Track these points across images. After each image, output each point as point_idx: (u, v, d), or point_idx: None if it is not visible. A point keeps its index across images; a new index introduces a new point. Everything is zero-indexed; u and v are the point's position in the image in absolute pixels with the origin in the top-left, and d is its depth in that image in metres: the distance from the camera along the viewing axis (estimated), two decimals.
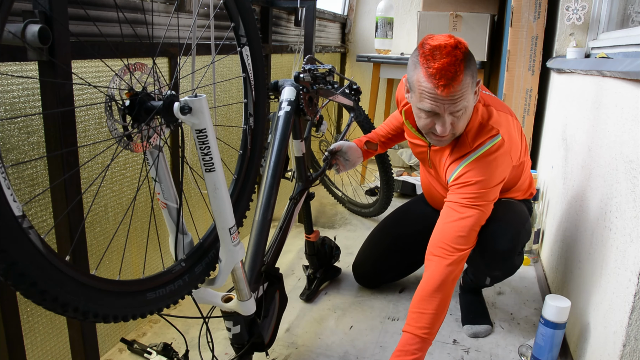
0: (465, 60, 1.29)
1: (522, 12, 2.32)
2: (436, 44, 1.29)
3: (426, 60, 1.29)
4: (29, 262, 0.66)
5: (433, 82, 1.29)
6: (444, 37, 1.31)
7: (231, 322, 1.29)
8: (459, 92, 1.30)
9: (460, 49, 1.29)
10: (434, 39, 1.32)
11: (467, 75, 1.30)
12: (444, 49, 1.28)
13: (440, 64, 1.27)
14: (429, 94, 1.31)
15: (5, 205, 0.63)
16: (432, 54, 1.29)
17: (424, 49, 1.31)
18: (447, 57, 1.27)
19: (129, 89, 0.87)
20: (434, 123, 1.39)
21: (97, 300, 0.78)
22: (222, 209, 1.02)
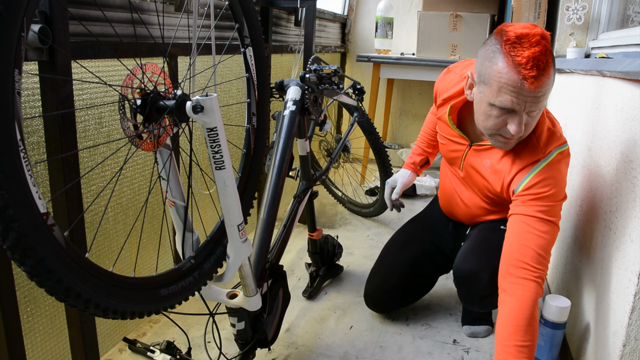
0: (552, 53, 1.17)
1: (522, 12, 2.33)
2: (522, 32, 1.16)
3: (512, 48, 1.16)
4: (55, 259, 0.68)
5: (522, 72, 1.14)
6: (527, 25, 1.19)
7: (236, 318, 1.31)
8: (544, 87, 1.17)
9: (546, 39, 1.17)
10: (515, 26, 1.19)
11: (553, 68, 1.18)
12: (532, 37, 1.15)
13: (532, 53, 1.13)
14: (513, 87, 1.17)
15: (32, 202, 0.64)
16: (520, 41, 1.15)
17: (507, 36, 1.17)
18: (538, 46, 1.14)
19: (141, 88, 0.88)
20: (505, 123, 1.25)
21: (117, 297, 0.79)
22: (231, 206, 1.03)
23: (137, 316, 0.86)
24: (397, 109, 3.92)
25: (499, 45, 1.19)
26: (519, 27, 1.18)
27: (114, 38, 1.29)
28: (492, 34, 1.24)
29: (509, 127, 1.24)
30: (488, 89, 1.23)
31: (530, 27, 1.17)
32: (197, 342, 1.60)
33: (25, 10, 0.63)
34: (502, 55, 1.18)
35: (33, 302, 1.23)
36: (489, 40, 1.24)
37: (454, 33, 2.98)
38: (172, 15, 1.51)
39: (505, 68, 1.17)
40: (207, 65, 1.73)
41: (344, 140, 2.13)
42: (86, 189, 1.33)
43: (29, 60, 0.98)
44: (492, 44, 1.22)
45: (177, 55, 1.58)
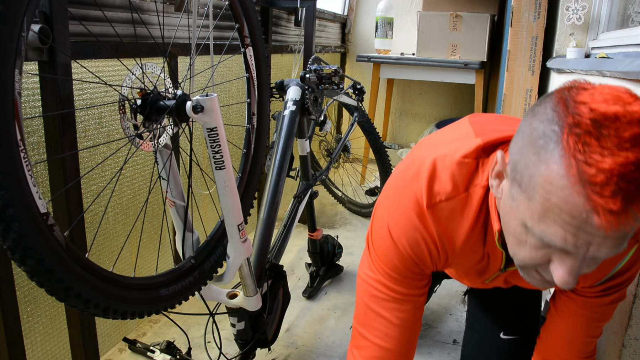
0: None
1: (522, 12, 2.33)
2: (607, 111, 0.61)
3: (582, 145, 0.60)
4: (55, 259, 0.68)
5: (593, 199, 0.59)
6: (616, 93, 0.64)
7: (236, 318, 1.31)
8: (632, 228, 0.62)
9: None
10: (596, 94, 0.64)
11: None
12: (630, 126, 0.60)
13: (618, 164, 0.58)
14: (570, 217, 0.62)
15: (32, 202, 0.64)
16: (600, 131, 0.60)
17: (580, 113, 0.62)
18: (637, 148, 0.59)
19: (141, 88, 0.89)
20: (548, 260, 0.71)
21: (117, 297, 0.80)
22: (231, 206, 1.04)
23: (137, 316, 0.86)
24: (397, 109, 3.92)
25: (557, 129, 0.63)
26: (602, 96, 0.63)
27: (114, 38, 1.29)
28: (553, 94, 0.68)
29: (553, 271, 0.70)
30: (526, 200, 0.68)
31: (623, 98, 0.63)
32: (197, 342, 1.60)
33: (25, 10, 0.63)
34: (561, 153, 0.62)
35: (33, 302, 1.23)
36: (543, 107, 0.67)
37: (454, 33, 2.98)
38: (172, 15, 1.51)
39: (561, 180, 0.61)
40: (207, 65, 1.74)
41: (344, 140, 2.13)
42: (86, 189, 1.33)
43: (29, 60, 0.98)
44: (547, 118, 0.65)
45: (177, 55, 1.58)
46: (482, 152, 0.88)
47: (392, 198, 0.94)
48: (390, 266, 0.95)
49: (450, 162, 0.87)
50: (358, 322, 1.03)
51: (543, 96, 0.71)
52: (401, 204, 0.91)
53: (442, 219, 0.88)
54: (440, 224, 0.89)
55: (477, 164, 0.88)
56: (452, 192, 0.87)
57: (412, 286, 0.97)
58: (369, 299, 1.00)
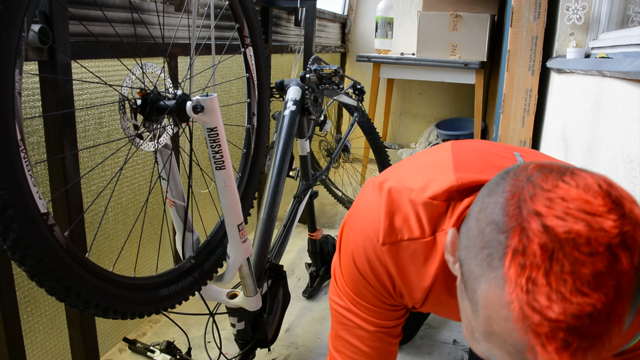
0: (635, 284, 0.48)
1: (522, 12, 2.33)
2: (566, 230, 0.48)
3: (528, 282, 0.48)
4: (55, 259, 0.68)
5: (537, 348, 0.48)
6: (587, 197, 0.49)
7: (236, 318, 1.31)
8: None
9: (632, 251, 0.48)
10: (558, 195, 0.50)
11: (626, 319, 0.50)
12: (591, 258, 0.47)
13: (570, 315, 0.47)
14: (517, 352, 0.51)
15: (32, 202, 0.64)
16: (552, 265, 0.47)
17: (530, 232, 0.49)
18: (596, 292, 0.47)
19: (141, 88, 0.89)
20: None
21: (117, 297, 0.80)
22: (232, 206, 1.04)
23: (137, 316, 0.86)
24: (397, 109, 3.92)
25: (501, 247, 0.51)
26: (563, 204, 0.49)
27: (114, 38, 1.29)
28: (511, 175, 0.56)
29: None
30: (471, 310, 0.56)
31: (592, 209, 0.49)
32: (197, 342, 1.60)
33: (25, 10, 0.63)
34: (503, 279, 0.50)
35: (33, 302, 1.23)
36: (495, 198, 0.55)
37: (454, 33, 2.98)
38: (172, 15, 1.51)
39: (503, 310, 0.50)
40: (207, 65, 1.74)
41: (344, 140, 2.13)
42: (86, 189, 1.33)
43: (29, 60, 0.98)
44: (495, 220, 0.53)
45: (177, 55, 1.58)
46: (455, 195, 0.78)
47: (355, 223, 0.87)
48: (357, 294, 0.89)
49: (417, 199, 0.79)
50: (331, 345, 0.98)
51: (504, 172, 0.58)
52: (363, 231, 0.84)
53: (402, 260, 0.81)
54: (399, 264, 0.81)
55: (447, 207, 0.78)
56: (416, 233, 0.79)
57: (383, 317, 0.89)
58: (338, 325, 0.94)
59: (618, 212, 0.48)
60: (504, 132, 2.43)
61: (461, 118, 3.64)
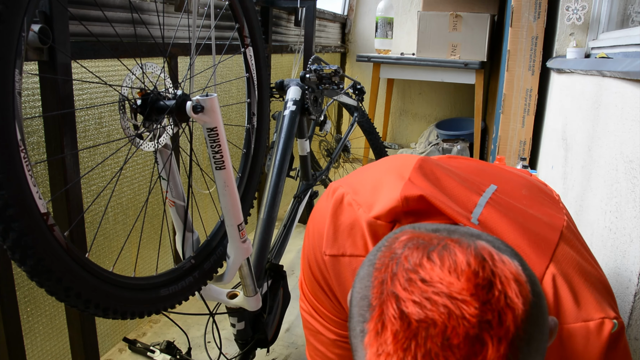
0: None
1: (522, 12, 2.33)
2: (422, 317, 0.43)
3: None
4: (55, 259, 0.68)
5: None
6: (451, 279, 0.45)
7: (236, 318, 1.31)
8: None
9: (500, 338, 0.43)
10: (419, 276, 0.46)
11: None
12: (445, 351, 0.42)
13: None
14: None
15: (32, 202, 0.64)
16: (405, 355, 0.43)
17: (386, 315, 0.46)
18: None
19: (141, 88, 0.89)
20: None
21: (117, 297, 0.80)
22: (232, 206, 1.04)
23: (137, 316, 0.86)
24: (397, 109, 3.92)
25: (362, 335, 0.48)
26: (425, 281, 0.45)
27: (114, 38, 1.29)
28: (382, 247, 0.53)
29: None
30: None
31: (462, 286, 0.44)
32: (197, 342, 1.60)
33: (25, 10, 0.63)
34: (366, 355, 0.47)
35: (33, 302, 1.23)
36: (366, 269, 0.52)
37: (454, 33, 2.98)
38: (172, 15, 1.51)
39: None
40: (207, 65, 1.74)
41: (344, 140, 2.13)
42: (86, 189, 1.33)
43: (29, 60, 0.98)
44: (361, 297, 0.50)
45: (177, 55, 1.58)
46: (401, 215, 0.73)
47: (308, 227, 0.85)
48: (316, 299, 0.86)
49: (362, 216, 0.76)
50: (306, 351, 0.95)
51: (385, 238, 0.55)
52: (312, 236, 0.81)
53: (343, 274, 0.77)
54: (340, 277, 0.77)
55: (391, 228, 0.74)
56: (359, 251, 0.75)
57: (341, 326, 0.84)
58: (305, 330, 0.92)
59: (482, 297, 0.43)
60: (504, 132, 2.43)
61: (461, 118, 3.64)
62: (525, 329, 0.44)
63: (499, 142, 2.45)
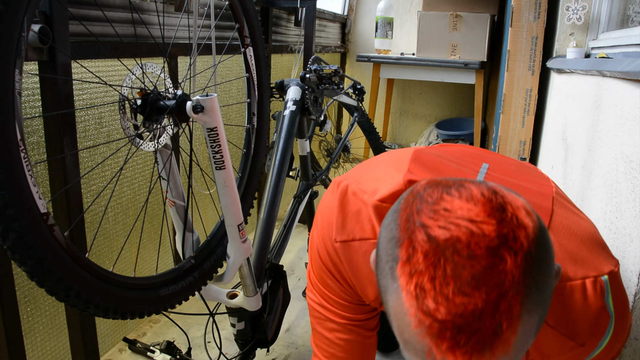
0: (527, 282, 0.50)
1: (522, 12, 2.33)
2: (448, 237, 0.50)
3: (417, 288, 0.51)
4: (55, 259, 0.68)
5: (433, 350, 0.50)
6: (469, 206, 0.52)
7: (236, 318, 1.31)
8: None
9: (515, 251, 0.50)
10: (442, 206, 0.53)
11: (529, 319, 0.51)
12: (471, 260, 0.49)
13: (454, 314, 0.49)
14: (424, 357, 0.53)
15: (32, 202, 0.64)
16: (435, 270, 0.50)
17: (415, 241, 0.52)
18: (477, 291, 0.49)
19: (141, 88, 0.89)
20: None
21: (117, 297, 0.80)
22: (232, 206, 1.04)
23: (137, 316, 0.86)
24: (397, 109, 3.92)
25: (394, 261, 0.53)
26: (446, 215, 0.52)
27: (114, 38, 1.29)
28: (408, 192, 0.59)
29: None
30: (389, 321, 0.58)
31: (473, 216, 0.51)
32: (197, 342, 1.60)
33: (25, 10, 0.63)
34: (399, 290, 0.52)
35: (33, 302, 1.23)
36: (393, 212, 0.59)
37: (454, 33, 2.98)
38: (172, 15, 1.51)
39: (405, 318, 0.52)
40: (207, 65, 1.74)
41: (344, 140, 2.13)
42: (86, 189, 1.33)
43: (29, 60, 0.98)
44: (391, 235, 0.56)
45: (177, 55, 1.58)
46: None
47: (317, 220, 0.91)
48: (325, 287, 0.91)
49: (368, 201, 0.82)
50: (312, 340, 1.01)
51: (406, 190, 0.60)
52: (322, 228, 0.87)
53: (354, 258, 0.83)
54: (352, 262, 0.83)
55: None
56: (367, 234, 0.82)
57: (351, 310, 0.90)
58: (313, 319, 0.98)
59: (498, 216, 0.51)
60: (504, 132, 2.43)
61: (461, 118, 3.64)
62: (536, 249, 0.51)
63: (499, 142, 2.45)
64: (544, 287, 0.52)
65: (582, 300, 0.72)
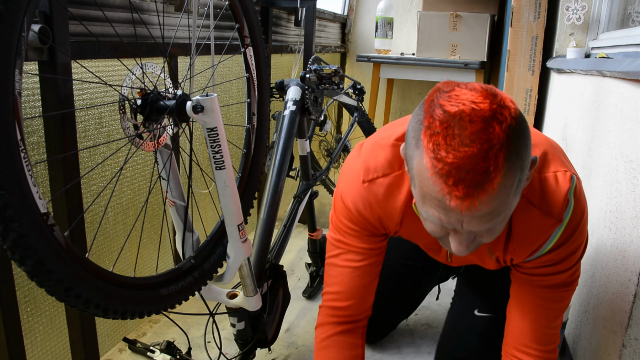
0: (509, 144, 0.72)
1: (522, 12, 2.33)
2: (456, 110, 0.72)
3: (434, 144, 0.73)
4: (55, 259, 0.68)
5: (443, 187, 0.73)
6: (472, 94, 0.74)
7: (236, 318, 1.31)
8: (490, 207, 0.74)
9: (501, 121, 0.72)
10: (453, 94, 0.75)
11: (509, 173, 0.73)
12: (470, 124, 0.71)
13: (458, 158, 0.71)
14: (437, 201, 0.75)
15: (32, 202, 0.64)
16: (447, 131, 0.72)
17: (434, 115, 0.74)
18: (474, 143, 0.71)
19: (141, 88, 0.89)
20: (447, 232, 0.84)
21: (117, 297, 0.80)
22: (231, 206, 1.04)
23: (137, 316, 0.86)
24: (397, 109, 3.92)
25: (420, 129, 0.76)
26: (457, 97, 0.74)
27: (114, 38, 1.29)
28: (430, 92, 0.80)
29: (450, 242, 0.85)
30: (414, 187, 0.82)
31: (476, 97, 0.74)
32: (197, 342, 1.60)
33: (25, 10, 0.63)
34: (422, 150, 0.75)
35: (33, 302, 1.23)
36: (418, 110, 0.80)
37: (454, 33, 2.98)
38: (172, 15, 1.51)
39: (425, 172, 0.74)
40: (207, 65, 1.74)
41: (344, 140, 2.13)
42: (86, 189, 1.33)
43: (29, 60, 0.98)
44: (418, 117, 0.78)
45: (177, 55, 1.58)
46: None
47: (343, 173, 1.11)
48: (346, 224, 1.11)
49: (385, 144, 1.03)
50: (324, 282, 1.20)
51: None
52: (348, 178, 1.08)
53: (380, 194, 1.03)
54: (378, 197, 1.03)
55: None
56: (387, 170, 1.02)
57: (366, 241, 1.12)
58: (329, 256, 1.17)
59: (492, 100, 0.73)
60: None
61: None
62: (516, 124, 0.73)
63: None
64: (521, 155, 0.74)
65: (555, 185, 0.95)
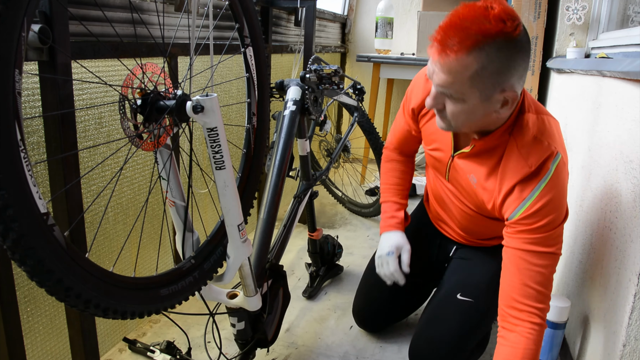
0: (486, 44, 0.98)
1: (522, 12, 2.33)
2: (459, 10, 1.01)
3: (439, 27, 1.03)
4: (55, 259, 0.68)
5: (435, 33, 1.03)
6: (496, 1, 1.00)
7: (236, 318, 1.31)
8: (449, 68, 1.02)
9: (492, 24, 0.97)
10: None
11: (474, 62, 0.99)
12: (471, 11, 0.99)
13: (451, 22, 1.00)
14: (430, 51, 1.06)
15: (32, 202, 0.64)
16: (458, 9, 1.02)
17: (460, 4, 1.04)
18: (464, 21, 0.98)
19: (141, 88, 0.89)
20: (433, 102, 1.15)
21: (117, 297, 0.80)
22: (232, 206, 1.04)
23: (137, 316, 0.86)
24: (397, 109, 3.91)
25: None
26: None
27: (114, 38, 1.29)
28: None
29: (427, 100, 1.14)
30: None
31: (492, 2, 0.99)
32: (197, 342, 1.60)
33: (25, 10, 0.63)
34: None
35: (33, 302, 1.23)
36: None
37: None
38: (172, 15, 1.51)
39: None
40: (207, 65, 1.73)
41: (344, 140, 2.13)
42: (86, 189, 1.33)
43: (29, 60, 0.99)
44: None
45: (177, 55, 1.58)
46: None
47: (414, 82, 1.47)
48: (403, 106, 1.54)
49: None
50: (389, 134, 1.68)
51: None
52: (417, 79, 1.46)
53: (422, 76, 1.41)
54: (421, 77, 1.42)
55: None
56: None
57: (404, 115, 1.54)
58: (395, 122, 1.63)
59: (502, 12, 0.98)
60: None
61: None
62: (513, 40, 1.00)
63: None
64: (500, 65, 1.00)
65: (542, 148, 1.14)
